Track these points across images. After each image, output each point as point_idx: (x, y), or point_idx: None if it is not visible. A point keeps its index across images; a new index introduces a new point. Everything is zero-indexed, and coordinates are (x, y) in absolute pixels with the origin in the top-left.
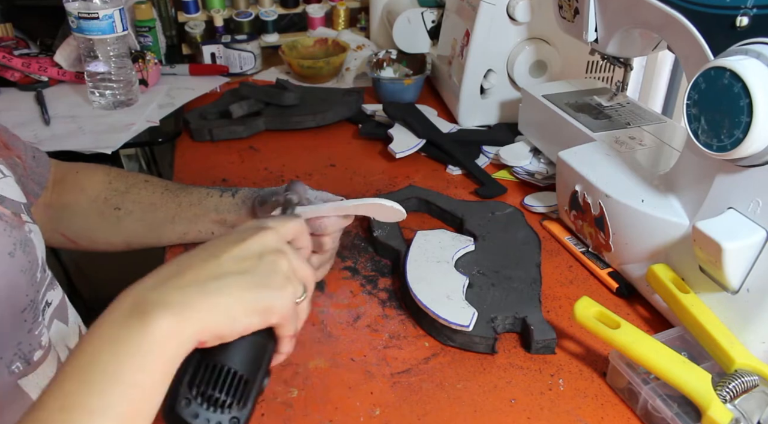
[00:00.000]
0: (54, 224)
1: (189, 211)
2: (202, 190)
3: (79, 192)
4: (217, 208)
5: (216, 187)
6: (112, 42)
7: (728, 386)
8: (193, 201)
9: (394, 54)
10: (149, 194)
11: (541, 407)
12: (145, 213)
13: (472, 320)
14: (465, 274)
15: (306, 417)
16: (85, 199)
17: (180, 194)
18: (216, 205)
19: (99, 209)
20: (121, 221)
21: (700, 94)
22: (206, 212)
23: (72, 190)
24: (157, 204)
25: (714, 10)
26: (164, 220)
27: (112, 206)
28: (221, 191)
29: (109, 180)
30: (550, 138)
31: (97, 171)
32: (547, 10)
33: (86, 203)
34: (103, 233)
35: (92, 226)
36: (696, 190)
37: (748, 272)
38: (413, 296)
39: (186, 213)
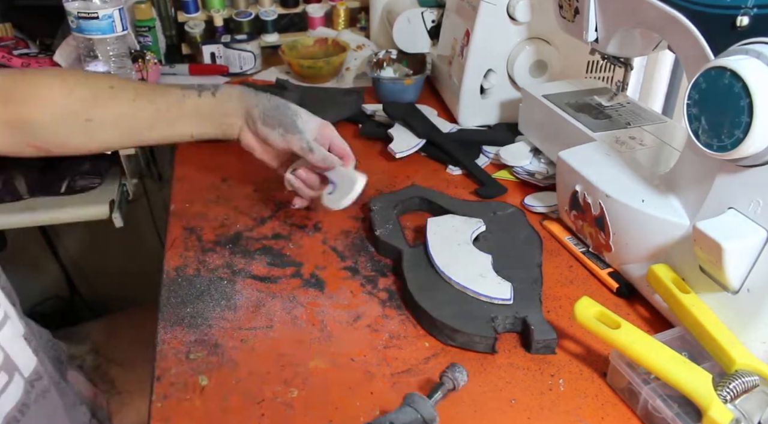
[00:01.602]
0: (19, 137)
1: (167, 115)
2: (177, 92)
3: (39, 105)
4: (197, 109)
5: (193, 87)
6: (112, 42)
7: (729, 386)
8: (170, 104)
9: (394, 54)
10: (120, 103)
11: (541, 407)
12: (120, 122)
13: (511, 293)
14: (488, 252)
15: (306, 417)
16: (48, 112)
17: (155, 99)
18: (196, 106)
19: (68, 121)
20: (94, 130)
21: (700, 94)
22: (186, 114)
23: (30, 103)
24: (132, 112)
25: (714, 9)
26: (141, 127)
27: (82, 118)
28: (199, 91)
29: (69, 88)
30: (551, 138)
31: (52, 80)
32: (548, 10)
33: (50, 117)
34: (76, 140)
35: (63, 135)
36: (696, 190)
37: (749, 272)
38: (447, 279)
39: (164, 118)
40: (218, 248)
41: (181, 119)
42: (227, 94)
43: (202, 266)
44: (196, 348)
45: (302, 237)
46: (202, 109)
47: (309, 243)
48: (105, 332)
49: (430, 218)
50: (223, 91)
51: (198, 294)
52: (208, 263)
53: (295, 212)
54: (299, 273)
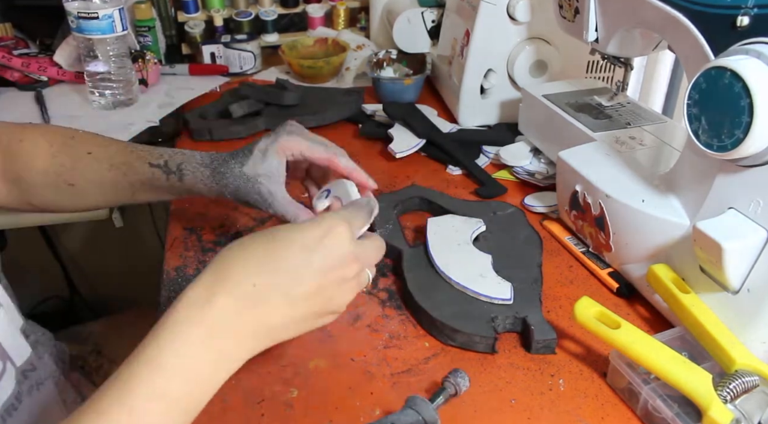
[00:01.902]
0: (17, 194)
1: (142, 189)
2: (147, 170)
3: (28, 164)
4: (170, 188)
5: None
6: (112, 42)
7: (729, 386)
8: (143, 182)
9: (394, 54)
10: (97, 171)
11: (541, 407)
12: (101, 190)
13: (511, 293)
14: (487, 252)
15: (306, 417)
16: (35, 172)
17: (127, 173)
18: (167, 187)
19: (53, 183)
20: (78, 195)
21: (700, 94)
22: (160, 190)
23: (19, 161)
24: (110, 183)
25: (714, 9)
26: (125, 196)
27: (64, 182)
28: (165, 173)
29: (53, 153)
30: (551, 138)
31: (38, 140)
32: (548, 10)
33: (38, 176)
34: (64, 203)
35: (51, 198)
36: (696, 190)
37: (749, 272)
38: (447, 279)
39: (141, 191)
40: (218, 248)
41: (158, 193)
42: (193, 181)
43: (202, 266)
44: None
45: None
46: (174, 189)
47: None
48: (107, 333)
49: (430, 218)
50: (188, 178)
51: None
52: (208, 263)
53: None
54: None
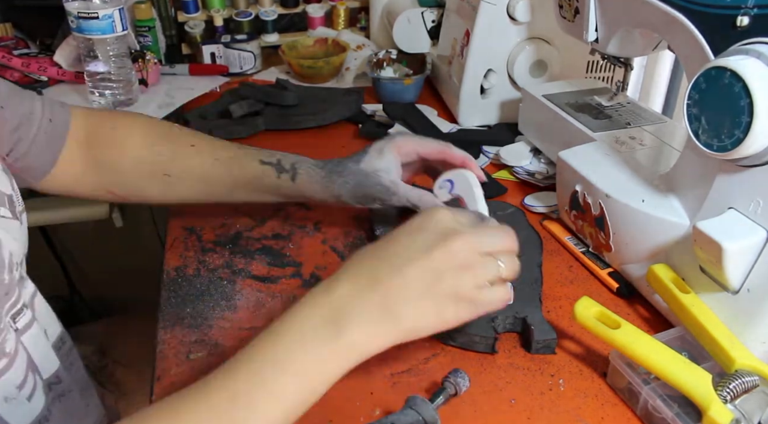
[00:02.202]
0: (102, 181)
1: (245, 187)
2: (257, 167)
3: (120, 151)
4: (277, 189)
5: (271, 163)
6: (112, 42)
7: (729, 386)
8: (248, 178)
9: (394, 54)
10: (199, 165)
11: (541, 407)
12: (198, 184)
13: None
14: None
15: (306, 417)
16: (128, 159)
17: (233, 168)
18: (276, 186)
19: (147, 171)
20: (173, 186)
21: (700, 94)
22: (265, 191)
23: (111, 146)
24: (210, 177)
25: (714, 9)
26: (220, 192)
27: (161, 172)
28: (277, 171)
29: (152, 142)
30: (551, 138)
31: (134, 128)
32: (548, 10)
33: (130, 164)
34: (154, 193)
35: (142, 185)
36: (696, 190)
37: (749, 272)
38: None
39: (242, 188)
40: (218, 248)
41: (259, 193)
42: (305, 183)
43: (202, 266)
44: (196, 348)
45: (302, 237)
46: (282, 191)
47: (309, 243)
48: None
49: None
50: (302, 178)
51: (198, 294)
52: (208, 263)
53: (295, 212)
54: (299, 273)
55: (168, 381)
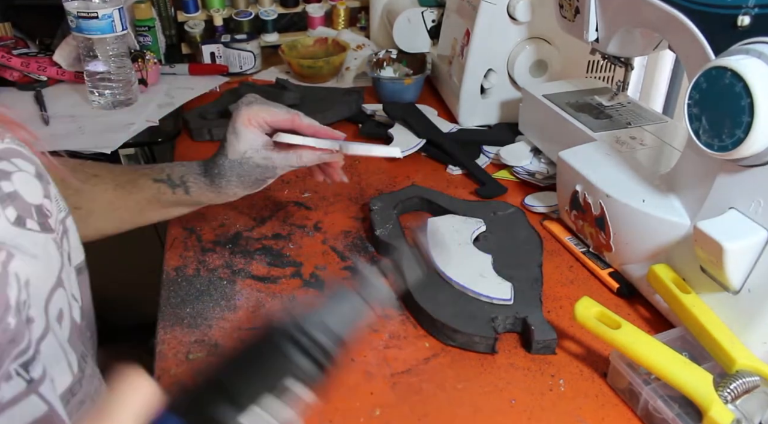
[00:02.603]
0: None
1: (150, 206)
2: (151, 186)
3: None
4: (178, 202)
5: (163, 180)
6: (112, 41)
7: (729, 386)
8: (149, 199)
9: (394, 53)
10: (102, 192)
11: (541, 407)
12: (107, 212)
13: (511, 294)
14: (487, 252)
15: (306, 417)
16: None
17: (132, 191)
18: (175, 200)
19: None
20: (86, 219)
21: (701, 94)
22: (169, 205)
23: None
24: (114, 203)
25: (715, 9)
26: (129, 217)
27: (72, 206)
28: (171, 187)
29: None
30: (551, 138)
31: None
32: (548, 10)
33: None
34: None
35: None
36: (697, 190)
37: (750, 272)
38: (447, 279)
39: (148, 209)
40: (218, 248)
41: (166, 209)
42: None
43: (202, 266)
44: (196, 348)
45: (302, 237)
46: (183, 203)
47: (309, 243)
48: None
49: (431, 218)
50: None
51: (198, 294)
52: (208, 263)
53: (295, 212)
54: (299, 273)
55: (167, 381)
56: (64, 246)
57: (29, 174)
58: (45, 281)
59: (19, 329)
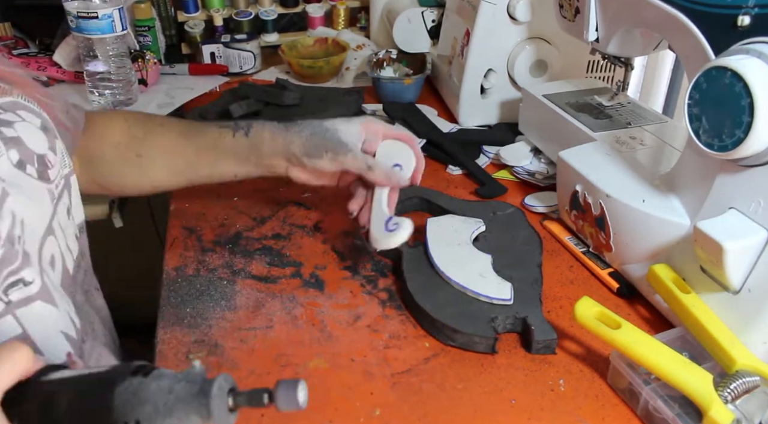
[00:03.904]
0: (87, 173)
1: (207, 156)
2: (215, 132)
3: (101, 140)
4: (235, 150)
5: (229, 125)
6: (112, 41)
7: (729, 386)
8: (208, 145)
9: (394, 53)
10: (166, 140)
11: (541, 407)
12: (166, 159)
13: (511, 294)
14: (487, 252)
15: (306, 417)
16: (107, 146)
17: (194, 138)
18: (232, 147)
19: (122, 155)
20: (144, 167)
21: (701, 94)
22: (224, 155)
23: (94, 137)
24: (176, 150)
25: (715, 9)
26: (186, 166)
27: (133, 153)
28: (234, 129)
29: (128, 126)
30: (551, 138)
31: (115, 117)
32: (548, 10)
33: (109, 150)
34: (129, 179)
35: (118, 172)
36: (697, 190)
37: (750, 272)
38: (447, 279)
39: (204, 158)
40: (218, 248)
41: (221, 160)
42: (259, 134)
43: (202, 266)
44: (196, 348)
45: (302, 237)
46: (239, 151)
47: (309, 243)
48: None
49: (430, 218)
50: (255, 132)
51: (198, 294)
52: (208, 263)
53: (295, 212)
54: (299, 273)
55: None
56: (63, 199)
57: (34, 126)
58: (38, 225)
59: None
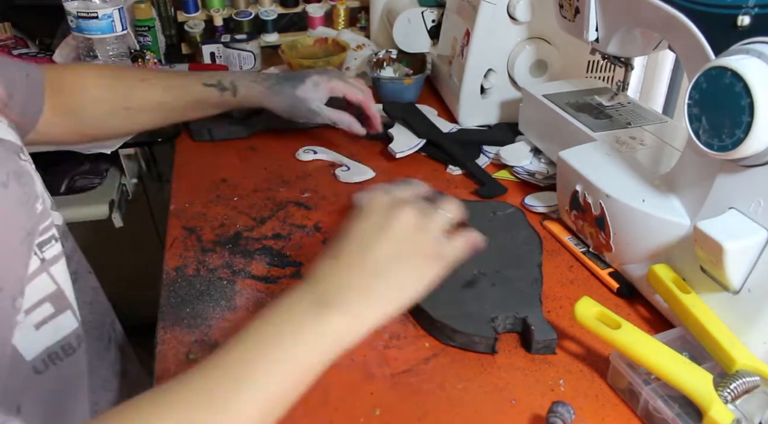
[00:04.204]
0: (71, 127)
1: (194, 107)
2: (201, 90)
3: (82, 95)
4: (222, 104)
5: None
6: (112, 41)
7: (729, 386)
8: (195, 100)
9: (394, 53)
10: (153, 94)
11: (541, 407)
12: (155, 111)
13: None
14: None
15: (306, 417)
16: (90, 101)
17: (181, 93)
18: (218, 102)
19: (109, 108)
20: (134, 117)
21: (701, 94)
22: (211, 108)
23: (73, 94)
24: (164, 104)
25: (715, 9)
26: (175, 115)
27: (122, 108)
28: (219, 91)
29: (108, 83)
30: (551, 138)
31: (85, 73)
32: (548, 10)
33: (93, 104)
34: (118, 127)
35: (106, 121)
36: (697, 190)
37: (750, 272)
38: None
39: (193, 110)
40: (218, 248)
41: (207, 110)
42: (247, 96)
43: (202, 266)
44: (196, 348)
45: (302, 237)
46: (225, 104)
47: (309, 243)
48: None
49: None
50: (242, 92)
51: (198, 294)
52: (208, 263)
53: (295, 212)
54: (299, 273)
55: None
56: None
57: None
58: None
59: (43, 212)
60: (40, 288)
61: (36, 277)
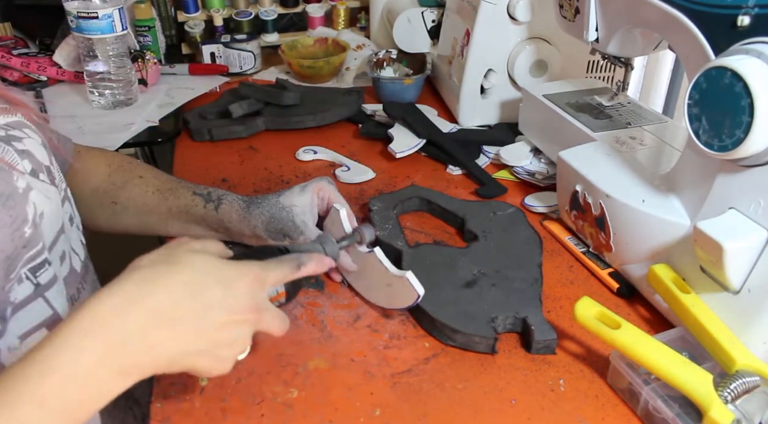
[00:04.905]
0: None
1: (178, 218)
2: (188, 197)
3: (83, 181)
4: (204, 219)
5: (201, 194)
6: (112, 41)
7: (729, 386)
8: (180, 208)
9: (394, 54)
10: (142, 194)
11: (541, 407)
12: (139, 212)
13: None
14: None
15: (306, 418)
16: (87, 188)
17: (169, 198)
18: (202, 216)
19: (99, 200)
20: (118, 214)
21: (701, 94)
22: (195, 221)
23: (77, 177)
24: (149, 206)
25: (715, 9)
26: (157, 221)
27: (109, 199)
28: (205, 201)
29: (109, 173)
30: (551, 138)
31: (100, 160)
32: (548, 10)
33: (88, 193)
34: (103, 221)
35: (93, 213)
36: (697, 190)
37: (750, 272)
38: None
39: (176, 219)
40: None
41: (191, 224)
42: (227, 213)
43: None
44: None
45: None
46: (209, 221)
47: None
48: None
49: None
50: (223, 210)
51: None
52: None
53: None
54: None
55: (167, 381)
56: (66, 207)
57: (37, 142)
58: (54, 221)
59: (32, 237)
60: (35, 314)
61: (29, 303)
